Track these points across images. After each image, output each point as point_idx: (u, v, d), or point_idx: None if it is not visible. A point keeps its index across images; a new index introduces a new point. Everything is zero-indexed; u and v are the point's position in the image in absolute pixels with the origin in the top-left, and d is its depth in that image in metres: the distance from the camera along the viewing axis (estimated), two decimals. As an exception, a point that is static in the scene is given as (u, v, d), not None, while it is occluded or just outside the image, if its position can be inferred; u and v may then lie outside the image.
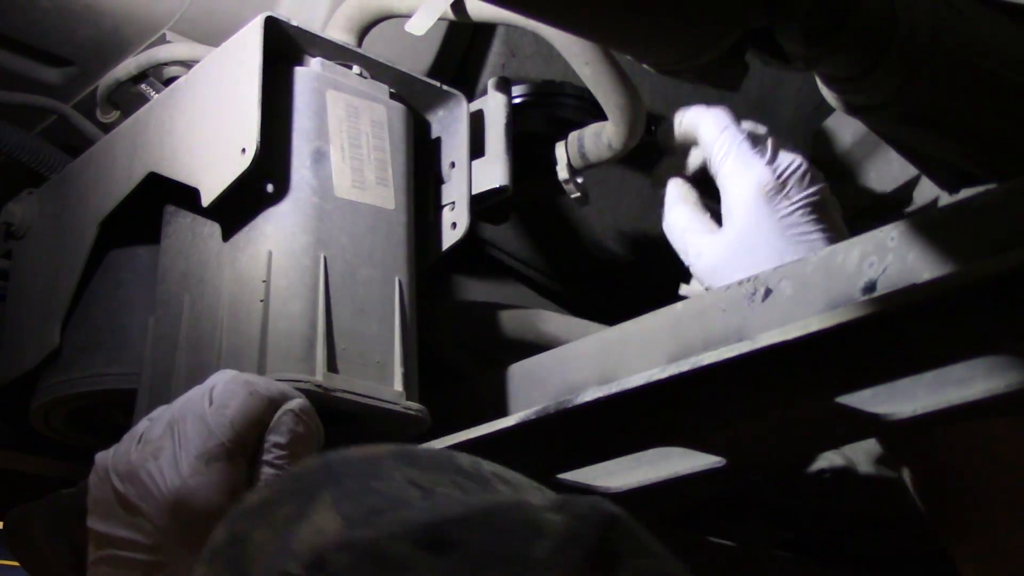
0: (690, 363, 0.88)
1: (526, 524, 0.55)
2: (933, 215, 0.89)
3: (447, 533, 0.54)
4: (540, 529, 0.54)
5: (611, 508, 0.57)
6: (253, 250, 1.05)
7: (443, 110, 1.23)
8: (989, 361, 0.90)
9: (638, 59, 0.81)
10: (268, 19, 1.06)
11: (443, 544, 0.54)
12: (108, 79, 1.23)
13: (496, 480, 0.65)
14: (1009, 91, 0.87)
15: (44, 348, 1.21)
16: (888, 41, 0.81)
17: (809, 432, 1.02)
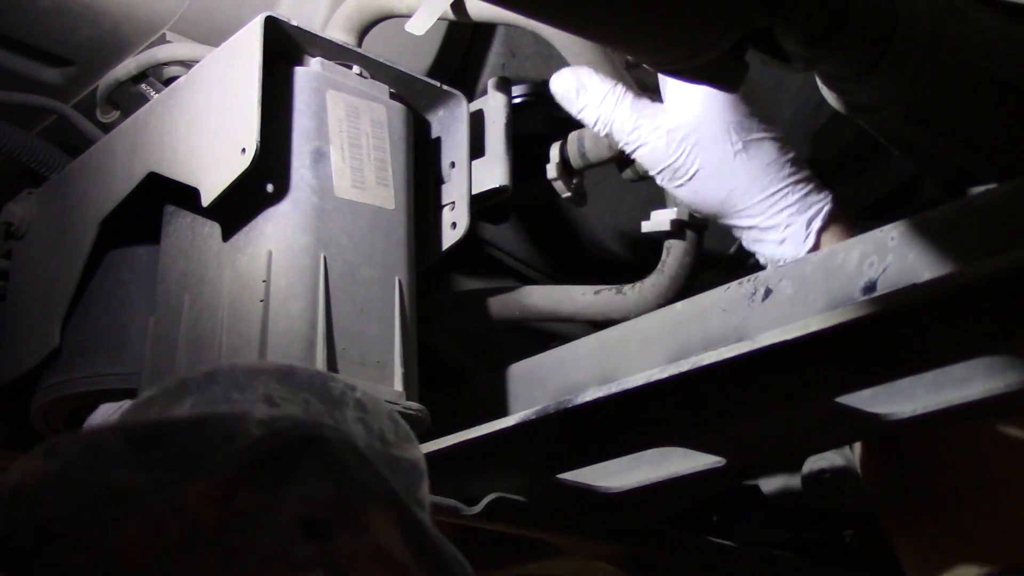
0: (690, 363, 0.88)
1: (226, 433, 0.58)
2: (933, 215, 0.89)
3: (158, 433, 0.59)
4: (233, 438, 0.57)
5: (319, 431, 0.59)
6: (253, 250, 1.05)
7: (443, 110, 1.23)
8: (989, 361, 0.90)
9: (638, 59, 0.81)
10: (268, 19, 1.06)
11: (148, 442, 0.58)
12: (108, 79, 1.23)
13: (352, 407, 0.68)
14: (1009, 91, 0.87)
15: (44, 348, 1.21)
16: (888, 41, 0.81)
17: (809, 432, 1.01)
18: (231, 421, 0.59)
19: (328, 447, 0.59)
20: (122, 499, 0.54)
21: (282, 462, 0.57)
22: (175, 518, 0.54)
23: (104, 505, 0.54)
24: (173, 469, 0.56)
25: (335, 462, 0.59)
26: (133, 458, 0.57)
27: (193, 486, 0.55)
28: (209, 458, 0.56)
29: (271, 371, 0.70)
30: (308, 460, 0.58)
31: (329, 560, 0.55)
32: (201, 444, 0.58)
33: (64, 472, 0.57)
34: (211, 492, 0.55)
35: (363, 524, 0.57)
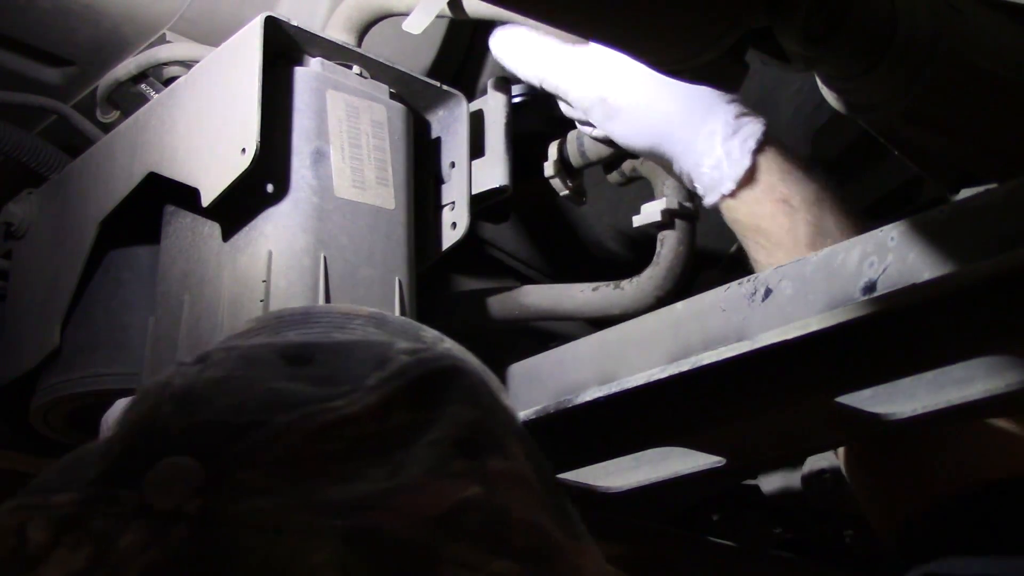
0: (690, 363, 0.88)
1: (375, 357, 0.63)
2: (933, 215, 0.89)
3: (309, 352, 0.64)
4: (384, 364, 0.62)
5: (459, 363, 0.64)
6: (253, 250, 1.05)
7: (443, 110, 1.23)
8: (989, 361, 0.90)
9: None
10: (268, 19, 1.06)
11: (301, 359, 0.63)
12: (108, 79, 1.23)
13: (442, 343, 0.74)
14: (1009, 91, 0.87)
15: (44, 348, 1.21)
16: (888, 41, 0.81)
17: (809, 432, 1.02)
18: (379, 348, 0.64)
19: (469, 378, 0.64)
20: (292, 406, 0.59)
21: (431, 387, 0.62)
22: (343, 426, 0.58)
23: (276, 410, 0.58)
24: (330, 384, 0.60)
25: (476, 392, 0.64)
26: (289, 371, 0.62)
27: (357, 399, 0.59)
28: (365, 377, 0.61)
29: (365, 315, 0.75)
30: (455, 388, 0.63)
31: (482, 477, 0.59)
32: (354, 365, 0.62)
33: (228, 379, 0.61)
34: (372, 406, 0.59)
35: (504, 449, 0.62)
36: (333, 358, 0.63)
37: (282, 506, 0.55)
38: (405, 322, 0.79)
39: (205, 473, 0.56)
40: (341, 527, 0.55)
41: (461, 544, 0.56)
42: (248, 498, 0.56)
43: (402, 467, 0.58)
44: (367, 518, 0.56)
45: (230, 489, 0.56)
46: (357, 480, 0.57)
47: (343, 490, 0.56)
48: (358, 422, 0.59)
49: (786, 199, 1.06)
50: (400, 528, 0.56)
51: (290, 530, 0.55)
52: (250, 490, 0.56)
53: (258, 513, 0.55)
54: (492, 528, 0.58)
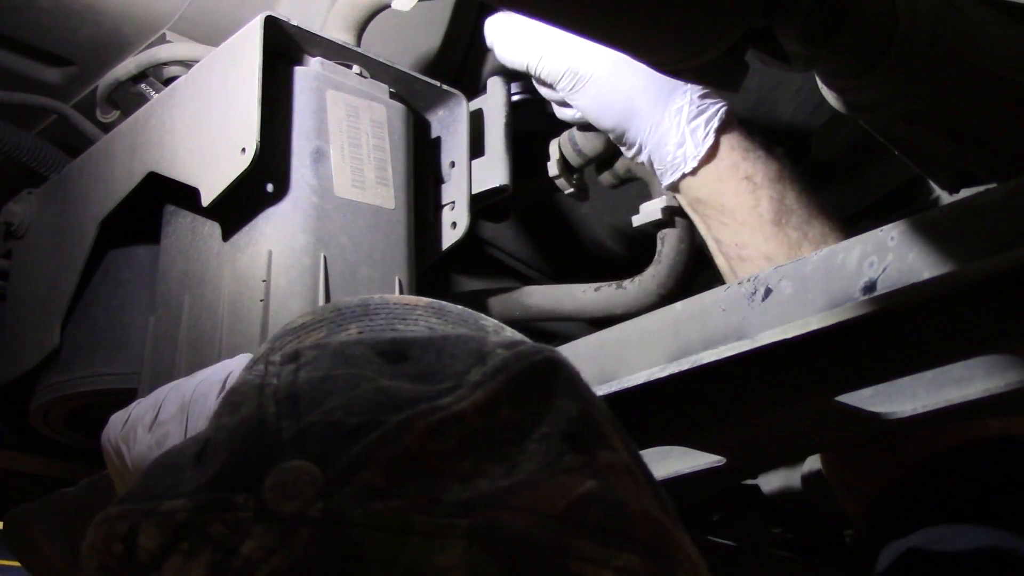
0: (690, 362, 0.88)
1: (473, 352, 0.62)
2: (933, 215, 0.89)
3: (405, 348, 0.63)
4: (484, 358, 0.62)
5: (556, 356, 0.64)
6: (253, 250, 1.05)
7: (443, 109, 1.23)
8: (989, 360, 0.90)
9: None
10: (268, 19, 1.06)
11: (398, 355, 0.62)
12: (108, 79, 1.23)
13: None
14: (1009, 91, 0.87)
15: (44, 348, 1.21)
16: (888, 41, 0.81)
17: (809, 432, 1.01)
18: (473, 343, 0.64)
19: (568, 371, 0.64)
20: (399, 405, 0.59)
21: (535, 382, 0.61)
22: (453, 423, 0.58)
23: (385, 410, 0.58)
24: (430, 381, 0.60)
25: (576, 384, 0.64)
26: (388, 369, 0.61)
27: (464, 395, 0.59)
28: (465, 373, 0.61)
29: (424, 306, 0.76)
30: (557, 381, 0.62)
31: (596, 471, 0.59)
32: (450, 361, 0.62)
33: (330, 378, 0.61)
34: (480, 402, 0.59)
35: (610, 441, 0.62)
36: (428, 354, 0.63)
37: (404, 507, 0.55)
38: (463, 311, 0.79)
39: (324, 477, 0.56)
40: (466, 526, 0.55)
41: (585, 539, 0.56)
42: (370, 500, 0.55)
43: (517, 464, 0.58)
44: (490, 516, 0.55)
45: (351, 492, 0.55)
46: (476, 478, 0.57)
47: (463, 489, 0.56)
48: (467, 419, 0.58)
49: (749, 176, 1.07)
50: (524, 525, 0.55)
51: (415, 531, 0.55)
52: (372, 492, 0.55)
53: (382, 515, 0.55)
54: (613, 522, 0.58)
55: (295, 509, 0.55)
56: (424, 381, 0.60)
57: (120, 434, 0.87)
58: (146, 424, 0.87)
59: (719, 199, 1.08)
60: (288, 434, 0.58)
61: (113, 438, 0.87)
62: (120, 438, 0.87)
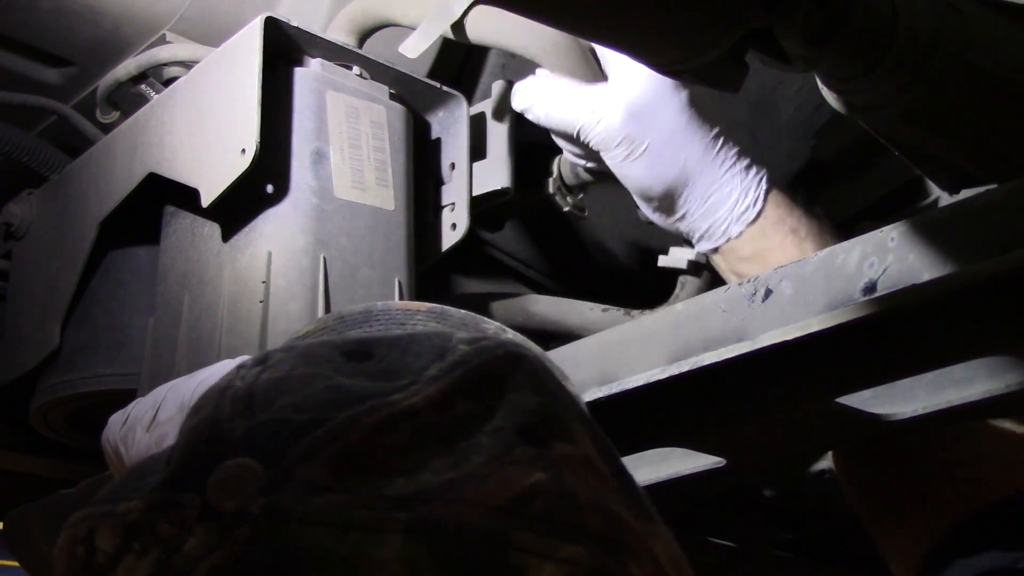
0: (690, 363, 0.88)
1: (436, 349, 0.62)
2: (933, 215, 0.89)
3: (370, 347, 0.63)
4: (444, 354, 0.62)
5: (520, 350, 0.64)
6: (253, 251, 1.05)
7: (443, 111, 1.23)
8: (989, 361, 0.90)
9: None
10: (268, 19, 1.06)
11: (362, 354, 0.63)
12: (108, 79, 1.23)
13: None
14: (1009, 91, 0.87)
15: (44, 348, 1.21)
16: (888, 41, 0.81)
17: (809, 432, 1.01)
18: (438, 339, 0.64)
19: (531, 365, 0.63)
20: (351, 402, 0.58)
21: (492, 376, 0.61)
22: (404, 419, 0.58)
23: (336, 407, 0.58)
24: (390, 378, 0.60)
25: (539, 378, 0.63)
26: (349, 367, 0.62)
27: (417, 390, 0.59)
28: (425, 369, 0.61)
29: (425, 310, 0.77)
30: (516, 375, 0.62)
31: (548, 463, 0.59)
32: (414, 357, 0.62)
33: (288, 378, 0.61)
34: (432, 397, 0.59)
35: (570, 434, 0.62)
36: (393, 352, 0.63)
37: (345, 502, 0.55)
38: (465, 315, 0.79)
39: (267, 473, 0.56)
40: (405, 520, 0.55)
41: (528, 530, 0.56)
42: (311, 496, 0.55)
43: (466, 457, 0.58)
44: (431, 509, 0.55)
45: (293, 488, 0.55)
46: (421, 472, 0.57)
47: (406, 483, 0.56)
48: (419, 414, 0.58)
49: (795, 230, 1.10)
50: (465, 517, 0.55)
51: (354, 526, 0.54)
52: (312, 488, 0.55)
53: (321, 510, 0.55)
54: (560, 513, 0.57)
55: (235, 506, 0.55)
56: (383, 378, 0.60)
57: (119, 434, 0.87)
58: (144, 424, 0.87)
59: (764, 255, 1.10)
60: (238, 433, 0.58)
61: (112, 438, 0.87)
62: (119, 438, 0.87)
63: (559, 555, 0.55)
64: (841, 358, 0.87)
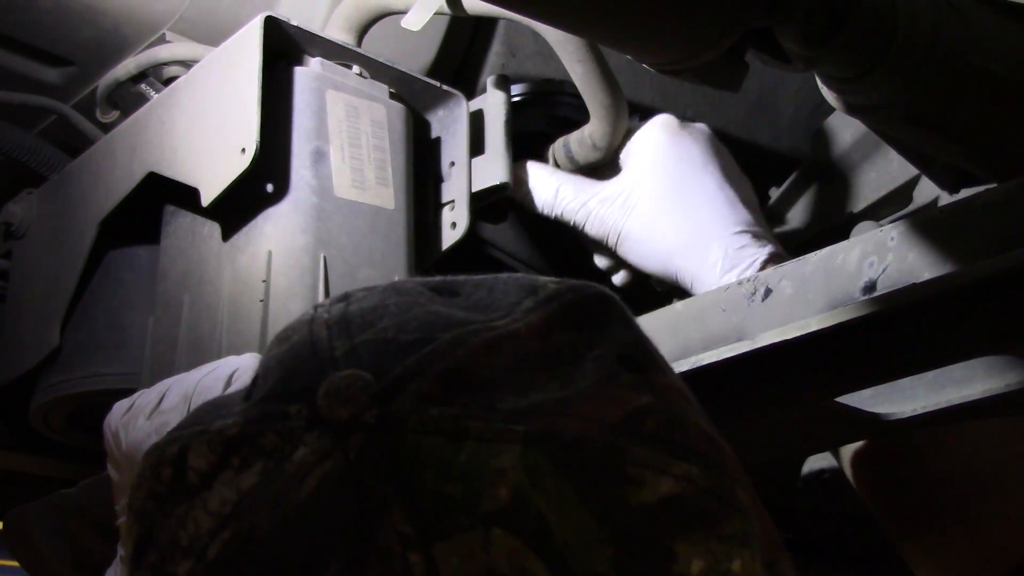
0: (690, 363, 0.88)
1: (524, 286, 0.63)
2: (933, 215, 0.89)
3: (457, 286, 0.64)
4: (535, 290, 0.63)
5: (607, 292, 0.65)
6: (253, 250, 1.05)
7: (443, 110, 1.23)
8: (989, 361, 0.90)
9: (638, 59, 0.81)
10: (268, 19, 1.06)
11: (450, 291, 0.64)
12: (108, 79, 1.23)
13: None
14: (1009, 91, 0.87)
15: (44, 348, 1.21)
16: (888, 41, 0.81)
17: (809, 432, 1.01)
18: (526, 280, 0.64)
19: (618, 304, 0.65)
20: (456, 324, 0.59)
21: (588, 310, 0.62)
22: (507, 342, 0.59)
23: (439, 328, 0.59)
24: (484, 311, 0.61)
25: (627, 316, 0.65)
26: (441, 299, 0.62)
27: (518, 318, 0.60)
28: (518, 304, 0.61)
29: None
30: (609, 311, 0.63)
31: (650, 387, 0.60)
32: (502, 294, 0.63)
33: (383, 306, 0.61)
34: (535, 324, 0.60)
35: (662, 366, 0.63)
36: (480, 290, 0.64)
37: (461, 414, 0.55)
38: None
39: (378, 385, 0.56)
40: (522, 432, 0.55)
41: (643, 446, 0.56)
42: (426, 407, 0.55)
43: (572, 379, 0.58)
44: (547, 423, 0.56)
45: (406, 399, 0.55)
46: (531, 391, 0.57)
47: (519, 399, 0.56)
48: (521, 339, 0.59)
49: None
50: (581, 432, 0.56)
51: (472, 435, 0.55)
52: (426, 399, 0.55)
53: (437, 420, 0.55)
54: (671, 433, 0.58)
55: (349, 414, 0.55)
56: (478, 311, 0.61)
57: (121, 420, 0.87)
58: (147, 412, 0.87)
59: None
60: (340, 352, 0.58)
61: (114, 423, 0.87)
62: (120, 423, 0.87)
63: (675, 471, 0.56)
64: (841, 358, 0.87)
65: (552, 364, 0.59)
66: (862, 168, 1.36)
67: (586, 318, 0.62)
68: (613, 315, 0.63)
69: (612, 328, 0.62)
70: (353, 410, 0.55)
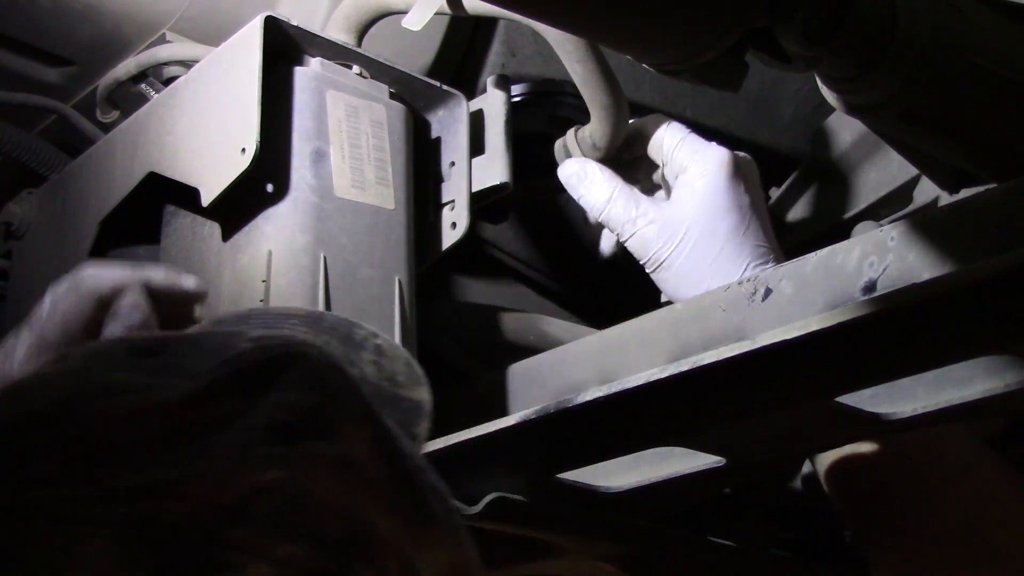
0: (690, 363, 0.88)
1: (218, 348, 0.62)
2: (933, 215, 0.89)
3: (159, 346, 0.63)
4: (224, 353, 0.61)
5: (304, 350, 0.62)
6: (253, 250, 1.05)
7: (443, 110, 1.23)
8: (989, 361, 0.90)
9: (638, 59, 0.81)
10: (268, 19, 1.06)
11: (149, 352, 0.62)
12: (108, 79, 1.23)
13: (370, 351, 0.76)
14: (1009, 91, 0.87)
15: (44, 348, 1.21)
16: (888, 41, 0.81)
17: (809, 432, 1.01)
18: (227, 337, 0.63)
19: (310, 363, 0.61)
20: (113, 393, 0.57)
21: (263, 374, 0.60)
22: (156, 412, 0.57)
23: (95, 397, 0.57)
24: (169, 374, 0.59)
25: (315, 377, 0.61)
26: (132, 363, 0.61)
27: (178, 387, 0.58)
28: (201, 367, 0.60)
29: (302, 315, 0.77)
30: (289, 373, 0.60)
31: (289, 462, 0.57)
32: (197, 356, 0.61)
33: (65, 372, 0.61)
34: (193, 393, 0.57)
35: (333, 433, 0.59)
36: (182, 350, 0.63)
37: (67, 496, 0.54)
38: (340, 322, 0.79)
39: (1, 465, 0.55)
40: (124, 515, 0.53)
41: (246, 528, 0.54)
42: (36, 488, 0.54)
43: (205, 454, 0.56)
44: (152, 505, 0.54)
45: (20, 480, 0.54)
46: (157, 467, 0.55)
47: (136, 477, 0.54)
48: (173, 408, 0.57)
49: None
50: (183, 514, 0.54)
51: (71, 519, 0.53)
52: (40, 480, 0.54)
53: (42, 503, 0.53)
54: (287, 513, 0.55)
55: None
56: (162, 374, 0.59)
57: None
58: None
59: None
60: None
61: None
62: None
63: (275, 554, 0.54)
64: (841, 358, 0.87)
65: (196, 436, 0.56)
66: (862, 168, 1.36)
67: (255, 382, 0.59)
68: (293, 377, 0.60)
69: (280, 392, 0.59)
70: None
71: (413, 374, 0.76)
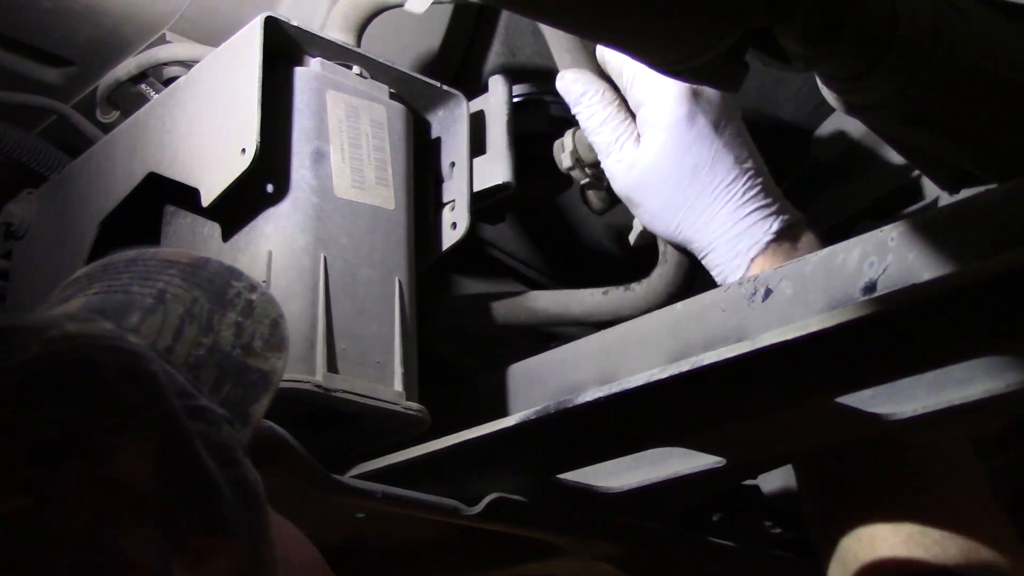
0: (690, 363, 0.88)
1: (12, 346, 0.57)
2: (933, 215, 0.89)
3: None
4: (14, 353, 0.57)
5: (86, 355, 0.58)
6: (253, 250, 1.05)
7: (443, 110, 1.23)
8: (989, 361, 0.90)
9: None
10: (268, 19, 1.06)
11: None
12: (108, 79, 1.23)
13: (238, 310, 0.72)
14: (1009, 91, 0.87)
15: (44, 348, 1.21)
16: (888, 41, 0.81)
17: (809, 432, 1.01)
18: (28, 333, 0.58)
19: (95, 371, 0.57)
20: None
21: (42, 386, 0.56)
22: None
23: None
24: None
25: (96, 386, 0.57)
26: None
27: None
28: None
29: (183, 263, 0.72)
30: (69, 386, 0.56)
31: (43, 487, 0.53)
32: None
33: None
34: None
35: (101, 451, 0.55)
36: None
37: None
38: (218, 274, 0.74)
39: None
40: None
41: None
42: None
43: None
44: None
45: None
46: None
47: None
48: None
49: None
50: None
51: None
52: None
53: None
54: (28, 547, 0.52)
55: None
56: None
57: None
58: None
59: None
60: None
61: None
62: None
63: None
64: (841, 358, 0.87)
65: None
66: (862, 168, 1.36)
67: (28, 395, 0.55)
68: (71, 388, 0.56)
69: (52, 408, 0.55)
70: None
71: (275, 338, 0.72)
